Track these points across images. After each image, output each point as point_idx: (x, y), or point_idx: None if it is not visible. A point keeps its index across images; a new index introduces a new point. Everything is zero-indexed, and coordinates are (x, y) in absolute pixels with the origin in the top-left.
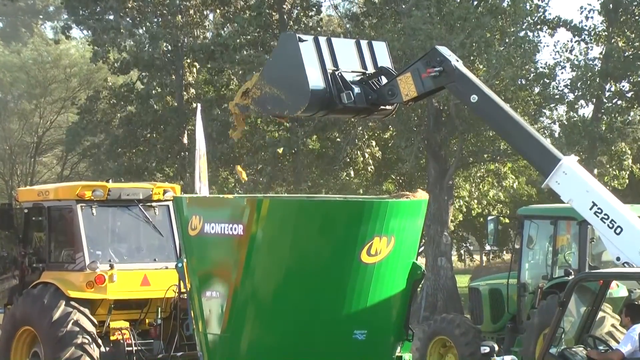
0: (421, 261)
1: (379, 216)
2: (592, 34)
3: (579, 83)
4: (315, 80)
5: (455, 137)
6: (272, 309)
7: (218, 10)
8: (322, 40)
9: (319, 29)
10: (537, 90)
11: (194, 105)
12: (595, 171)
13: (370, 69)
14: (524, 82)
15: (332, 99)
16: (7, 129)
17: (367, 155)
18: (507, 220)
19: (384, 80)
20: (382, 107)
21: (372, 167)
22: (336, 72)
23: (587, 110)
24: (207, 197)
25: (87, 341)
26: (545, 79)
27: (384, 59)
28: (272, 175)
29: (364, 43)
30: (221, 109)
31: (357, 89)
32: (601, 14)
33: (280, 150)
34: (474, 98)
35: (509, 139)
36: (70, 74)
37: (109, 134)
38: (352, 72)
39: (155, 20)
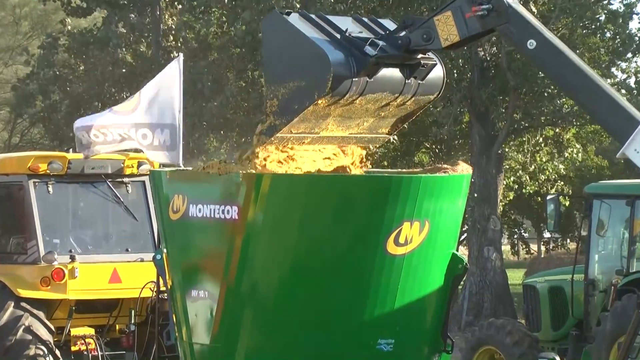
0: (463, 252)
1: (410, 196)
2: None
3: None
4: (327, 46)
5: (506, 94)
6: (275, 312)
7: None
8: (314, 16)
9: None
10: (608, 35)
11: (175, 54)
12: None
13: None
14: (593, 26)
15: (358, 58)
16: None
17: None
18: (570, 201)
19: None
20: (422, 56)
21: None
22: (346, 34)
23: None
24: (193, 172)
25: (41, 352)
26: (620, 21)
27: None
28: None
29: (365, 18)
30: (208, 59)
31: (380, 42)
32: None
33: None
34: (531, 44)
35: (576, 95)
36: (20, 16)
37: (68, 92)
38: (365, 35)
39: None
